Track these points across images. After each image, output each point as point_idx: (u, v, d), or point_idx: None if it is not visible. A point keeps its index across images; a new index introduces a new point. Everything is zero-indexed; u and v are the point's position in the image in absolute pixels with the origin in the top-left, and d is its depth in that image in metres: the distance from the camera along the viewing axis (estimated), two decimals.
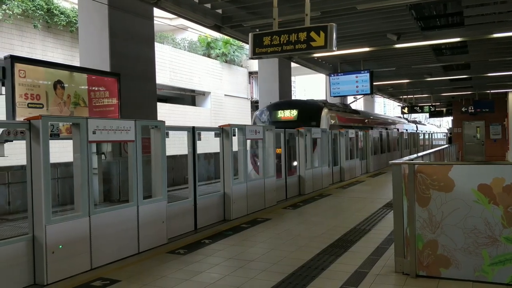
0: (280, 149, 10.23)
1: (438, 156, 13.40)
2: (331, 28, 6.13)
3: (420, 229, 4.66)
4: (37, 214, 4.59)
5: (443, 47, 15.56)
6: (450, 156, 18.32)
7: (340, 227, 7.20)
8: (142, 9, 9.92)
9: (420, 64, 18.49)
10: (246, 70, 27.06)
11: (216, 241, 6.46)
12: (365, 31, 13.12)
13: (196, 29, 22.30)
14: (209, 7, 10.92)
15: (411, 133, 27.27)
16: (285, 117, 13.89)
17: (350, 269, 4.96)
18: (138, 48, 9.94)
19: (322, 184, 12.11)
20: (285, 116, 13.90)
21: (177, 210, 6.70)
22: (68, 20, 15.83)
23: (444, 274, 4.55)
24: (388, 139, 21.12)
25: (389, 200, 9.55)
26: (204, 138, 7.51)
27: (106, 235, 5.27)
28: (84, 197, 5.01)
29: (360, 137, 16.47)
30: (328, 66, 19.45)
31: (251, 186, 8.45)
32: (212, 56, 24.77)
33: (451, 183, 4.52)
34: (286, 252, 5.77)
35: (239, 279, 4.74)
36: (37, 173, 4.60)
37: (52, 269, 4.60)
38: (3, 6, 13.83)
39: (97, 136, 5.19)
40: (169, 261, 5.49)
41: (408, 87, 25.58)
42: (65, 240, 4.76)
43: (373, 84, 17.21)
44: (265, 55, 6.76)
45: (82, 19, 9.84)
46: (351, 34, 13.30)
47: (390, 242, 5.91)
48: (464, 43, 14.44)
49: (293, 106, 14.30)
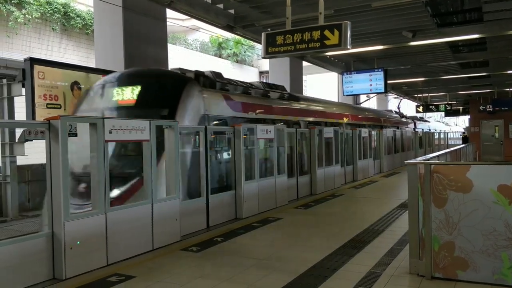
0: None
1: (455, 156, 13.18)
2: (345, 26, 6.08)
3: (436, 230, 4.58)
4: (56, 211, 4.69)
5: (460, 44, 15.31)
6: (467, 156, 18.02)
7: (353, 227, 7.13)
8: (156, 11, 9.99)
9: (436, 62, 18.23)
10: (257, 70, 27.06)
11: (228, 239, 6.47)
12: (379, 28, 12.99)
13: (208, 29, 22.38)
14: (222, 8, 10.94)
15: (404, 132, 21.33)
16: (123, 100, 7.39)
17: (363, 269, 4.90)
18: (152, 49, 10.01)
19: (334, 184, 12.02)
20: (123, 100, 7.39)
21: (190, 208, 6.74)
22: (84, 23, 16.06)
23: (461, 276, 4.46)
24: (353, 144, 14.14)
25: (403, 201, 9.43)
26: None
27: (122, 232, 5.35)
28: (100, 194, 5.09)
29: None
30: (341, 64, 19.31)
31: (262, 186, 8.45)
32: (223, 56, 24.83)
33: (469, 183, 4.43)
34: (298, 251, 5.74)
35: (251, 277, 4.73)
36: (56, 171, 4.70)
37: (70, 264, 4.71)
38: (23, 10, 14.10)
39: (113, 135, 5.28)
40: (183, 258, 5.52)
41: (423, 86, 25.24)
42: (82, 237, 4.86)
43: (387, 82, 17.02)
44: (278, 55, 6.74)
45: (98, 22, 9.96)
46: (365, 32, 13.19)
47: (405, 243, 5.83)
48: (482, 40, 14.19)
49: (134, 79, 7.60)
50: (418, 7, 10.77)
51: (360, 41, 13.95)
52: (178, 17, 14.01)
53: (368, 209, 8.94)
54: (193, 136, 7.25)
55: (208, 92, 7.92)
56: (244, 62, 25.95)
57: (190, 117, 7.19)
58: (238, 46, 24.62)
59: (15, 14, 13.78)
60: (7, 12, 13.69)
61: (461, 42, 14.82)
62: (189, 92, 7.29)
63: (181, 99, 7.09)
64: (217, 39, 24.79)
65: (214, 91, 8.22)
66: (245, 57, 25.67)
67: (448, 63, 18.46)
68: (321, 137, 11.24)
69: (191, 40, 24.18)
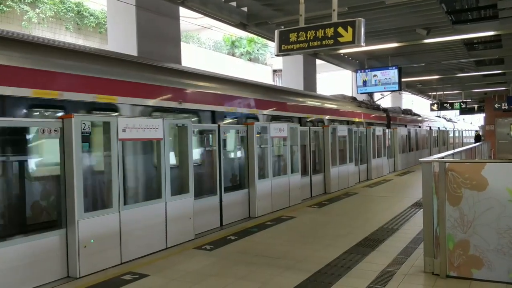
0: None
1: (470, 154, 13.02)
2: (359, 23, 6.03)
3: (450, 229, 4.54)
4: (70, 210, 4.73)
5: (475, 41, 15.10)
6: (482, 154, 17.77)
7: (367, 226, 7.10)
8: (169, 9, 10.03)
9: (451, 60, 18.00)
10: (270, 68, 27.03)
11: (242, 237, 6.48)
12: (393, 26, 12.86)
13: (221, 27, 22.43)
14: (235, 6, 10.95)
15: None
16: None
17: (378, 268, 4.88)
18: (165, 47, 10.05)
19: (348, 183, 11.97)
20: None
21: (204, 206, 6.77)
22: (98, 22, 16.21)
23: (475, 275, 4.42)
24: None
25: (417, 199, 9.35)
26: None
27: (135, 230, 5.40)
28: (114, 193, 5.13)
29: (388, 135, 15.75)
30: (354, 62, 19.20)
31: (275, 184, 8.45)
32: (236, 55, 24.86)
33: (484, 181, 4.38)
34: (312, 250, 5.74)
35: (265, 275, 4.74)
36: (69, 170, 4.73)
37: (84, 262, 4.76)
38: (37, 9, 14.29)
39: (127, 134, 5.31)
40: (196, 256, 5.54)
41: (437, 83, 24.93)
42: (96, 235, 4.91)
43: (401, 80, 16.87)
44: (291, 52, 6.70)
45: (111, 20, 10.04)
46: (379, 29, 13.07)
47: (419, 242, 5.78)
48: (497, 37, 13.96)
49: None
50: (433, 4, 10.64)
51: (374, 38, 13.84)
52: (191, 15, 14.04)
53: (382, 208, 8.89)
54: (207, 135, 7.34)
55: None
56: (257, 61, 25.95)
57: None
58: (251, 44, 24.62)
59: (29, 14, 13.96)
60: (21, 11, 13.89)
61: (476, 39, 14.61)
62: None
63: None
64: (230, 37, 24.83)
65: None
66: (258, 56, 25.67)
67: (463, 61, 18.20)
68: (335, 135, 11.21)
69: (204, 39, 24.26)
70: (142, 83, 6.27)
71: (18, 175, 4.80)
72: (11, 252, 4.30)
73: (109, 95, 5.64)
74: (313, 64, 17.16)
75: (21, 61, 4.69)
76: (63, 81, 5.09)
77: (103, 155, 5.37)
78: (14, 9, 13.78)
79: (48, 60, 5.03)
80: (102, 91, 5.54)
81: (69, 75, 5.18)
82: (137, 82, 6.17)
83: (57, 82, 5.00)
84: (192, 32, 23.79)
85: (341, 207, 9.10)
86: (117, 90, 5.76)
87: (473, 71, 20.50)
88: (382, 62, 18.57)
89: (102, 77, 5.61)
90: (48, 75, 4.93)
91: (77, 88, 5.21)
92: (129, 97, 5.95)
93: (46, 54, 5.10)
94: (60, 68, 5.10)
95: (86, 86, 5.35)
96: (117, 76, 5.83)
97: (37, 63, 4.84)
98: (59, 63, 5.13)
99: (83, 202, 4.79)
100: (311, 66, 16.94)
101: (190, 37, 23.16)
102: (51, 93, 4.92)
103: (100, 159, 5.47)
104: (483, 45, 15.81)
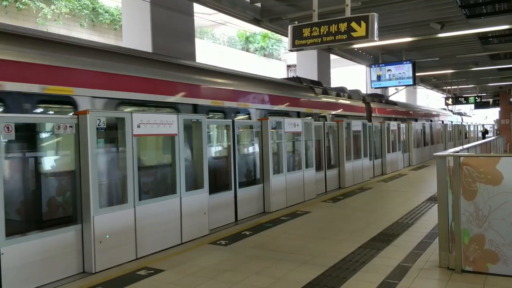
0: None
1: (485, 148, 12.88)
2: (372, 17, 6.01)
3: (466, 223, 4.53)
4: (85, 205, 4.80)
5: (489, 35, 14.88)
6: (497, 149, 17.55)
7: (382, 220, 7.10)
8: (183, 5, 10.09)
9: (465, 54, 17.78)
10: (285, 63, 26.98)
11: (257, 232, 6.52)
12: (407, 20, 12.76)
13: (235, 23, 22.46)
14: (248, 1, 10.98)
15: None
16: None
17: (393, 263, 4.89)
18: (180, 44, 10.12)
19: (363, 178, 11.95)
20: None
21: (218, 202, 6.83)
22: (112, 18, 16.36)
23: (491, 269, 4.40)
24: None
25: (432, 194, 9.30)
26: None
27: (151, 226, 5.46)
28: (129, 188, 5.20)
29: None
30: (368, 57, 19.08)
31: (290, 179, 8.48)
32: (250, 50, 24.87)
33: (499, 175, 4.35)
34: (326, 245, 5.76)
35: (280, 270, 4.78)
36: (85, 165, 4.80)
37: (100, 258, 4.81)
38: (52, 6, 14.48)
39: (141, 129, 5.36)
40: (211, 251, 5.59)
41: (452, 78, 24.63)
42: (111, 230, 4.96)
43: (415, 74, 16.73)
44: (305, 47, 6.71)
45: (126, 17, 10.14)
46: (393, 24, 12.98)
47: (434, 237, 5.77)
48: None
49: None
50: None
51: (387, 33, 13.74)
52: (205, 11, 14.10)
53: (396, 203, 8.86)
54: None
55: None
56: (272, 56, 25.93)
57: None
58: (266, 39, 24.61)
59: (44, 11, 14.14)
60: (36, 8, 14.07)
61: (490, 33, 14.39)
62: None
63: None
64: (244, 33, 24.83)
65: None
66: (272, 51, 25.65)
67: (478, 55, 17.98)
68: (349, 130, 11.19)
69: (219, 35, 24.30)
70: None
71: (35, 171, 4.88)
72: (28, 248, 4.34)
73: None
74: (327, 59, 17.09)
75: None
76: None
77: (118, 150, 5.44)
78: (29, 7, 14.00)
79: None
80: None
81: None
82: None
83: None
84: (206, 28, 23.86)
85: (356, 202, 9.10)
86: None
87: (488, 65, 20.22)
88: (396, 56, 18.42)
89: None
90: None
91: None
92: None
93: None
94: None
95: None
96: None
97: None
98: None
99: (99, 198, 4.85)
100: (325, 61, 16.88)
101: (205, 33, 23.23)
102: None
103: (114, 155, 5.52)
104: (498, 39, 15.57)
